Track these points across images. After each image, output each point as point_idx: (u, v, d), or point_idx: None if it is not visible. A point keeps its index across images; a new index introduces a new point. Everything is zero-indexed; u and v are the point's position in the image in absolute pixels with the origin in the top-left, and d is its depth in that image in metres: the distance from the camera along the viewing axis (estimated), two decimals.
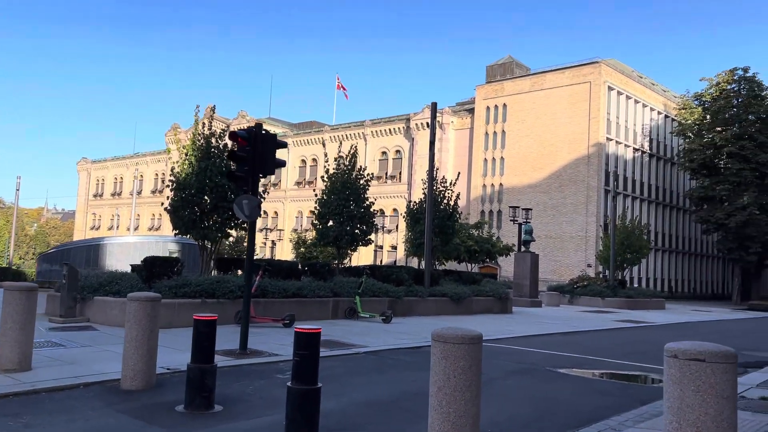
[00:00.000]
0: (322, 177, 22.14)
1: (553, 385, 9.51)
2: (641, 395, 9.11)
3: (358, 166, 21.62)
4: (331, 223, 21.09)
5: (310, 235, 44.76)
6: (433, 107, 22.73)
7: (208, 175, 16.56)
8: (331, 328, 15.66)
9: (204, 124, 17.63)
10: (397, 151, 70.61)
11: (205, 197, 16.78)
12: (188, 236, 17.51)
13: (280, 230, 74.40)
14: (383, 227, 63.64)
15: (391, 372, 10.05)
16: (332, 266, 20.03)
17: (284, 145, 11.44)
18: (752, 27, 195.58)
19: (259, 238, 77.36)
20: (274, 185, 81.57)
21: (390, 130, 71.05)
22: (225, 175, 10.94)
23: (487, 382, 9.44)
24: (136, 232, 76.30)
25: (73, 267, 15.11)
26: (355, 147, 22.52)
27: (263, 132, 11.14)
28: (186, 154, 17.15)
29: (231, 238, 66.61)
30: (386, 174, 70.82)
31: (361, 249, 70.76)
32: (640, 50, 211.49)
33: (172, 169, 17.37)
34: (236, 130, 10.93)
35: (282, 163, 11.85)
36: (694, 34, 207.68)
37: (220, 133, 17.76)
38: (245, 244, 64.98)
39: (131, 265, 16.83)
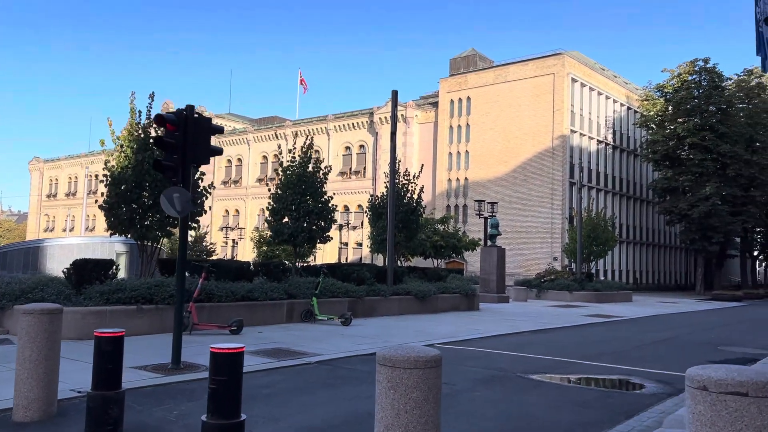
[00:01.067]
0: (276, 170, 20.77)
1: (527, 397, 8.40)
2: (624, 406, 8.04)
3: (315, 158, 20.30)
4: (286, 219, 19.76)
5: None
6: (394, 96, 21.53)
7: (146, 169, 15.11)
8: (284, 333, 14.39)
9: (140, 113, 16.09)
10: (361, 146, 69.31)
11: (144, 193, 15.33)
12: (127, 236, 15.99)
13: (241, 229, 72.48)
14: (348, 224, 62.42)
15: (344, 387, 8.82)
16: (287, 266, 18.66)
17: (220, 130, 10.10)
18: (711, 19, 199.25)
19: (219, 237, 75.44)
20: (235, 182, 79.68)
21: (353, 124, 69.70)
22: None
23: (451, 395, 8.28)
24: (91, 234, 73.60)
25: None
26: (311, 138, 21.16)
27: (196, 115, 9.78)
28: (122, 147, 15.64)
29: (190, 238, 64.82)
30: (350, 169, 69.48)
31: (326, 247, 69.53)
32: (600, 45, 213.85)
33: (106, 162, 15.84)
34: (162, 113, 9.52)
35: (218, 151, 10.50)
36: (653, 29, 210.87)
37: None
38: (209, 243, 63.31)
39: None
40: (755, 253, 72.63)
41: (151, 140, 15.42)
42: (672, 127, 54.58)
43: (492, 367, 10.69)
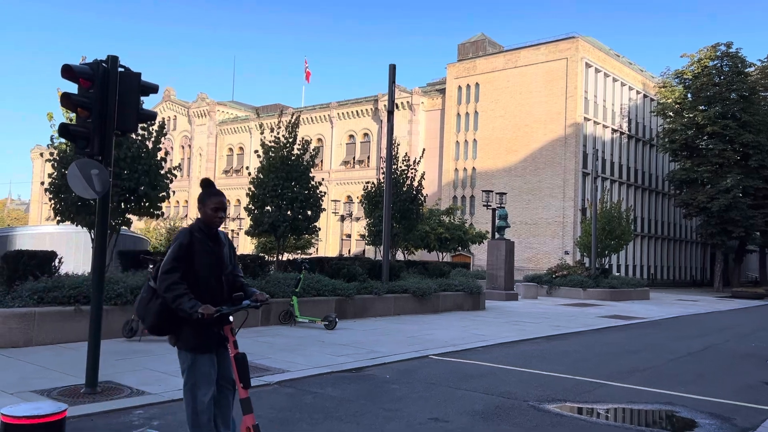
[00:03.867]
0: (256, 151, 18.61)
1: None
2: None
3: (301, 138, 18.13)
4: (268, 208, 17.62)
5: None
6: (392, 70, 19.19)
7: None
8: (253, 340, 12.27)
9: None
10: (365, 134, 67.10)
11: None
12: (75, 224, 13.90)
13: (241, 219, 70.44)
14: (351, 214, 60.27)
15: (301, 427, 6.66)
16: (266, 260, 16.50)
17: (153, 89, 7.92)
18: (732, 3, 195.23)
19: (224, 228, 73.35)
20: (236, 171, 77.75)
21: (357, 112, 67.46)
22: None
23: None
24: None
25: None
26: (298, 115, 19.00)
27: (121, 68, 7.64)
28: (70, 121, 13.54)
29: (174, 223, 62.79)
30: (354, 159, 67.35)
31: (328, 238, 67.71)
32: (613, 32, 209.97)
33: (51, 138, 13.74)
34: (72, 64, 7.36)
35: (150, 116, 8.37)
36: (668, 16, 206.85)
37: None
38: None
39: None
40: None
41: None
42: (691, 116, 52.01)
43: (497, 392, 8.53)
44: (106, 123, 7.47)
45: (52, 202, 13.64)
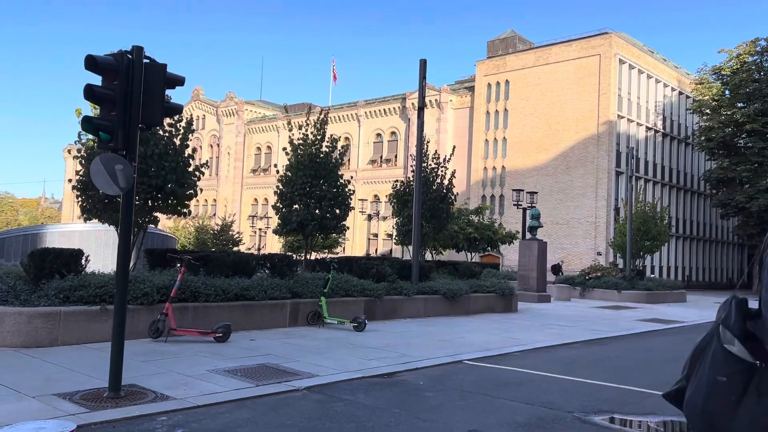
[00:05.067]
0: (284, 149, 18.33)
1: None
2: None
3: (329, 136, 17.80)
4: (296, 207, 17.33)
5: None
6: (422, 65, 18.78)
7: (138, 153, 12.89)
8: (280, 342, 11.98)
9: None
10: (393, 133, 66.74)
11: None
12: (102, 221, 13.75)
13: (269, 218, 70.61)
14: (378, 213, 59.96)
15: None
16: (294, 259, 16.19)
17: (180, 81, 7.65)
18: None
19: (247, 226, 73.71)
20: (264, 170, 77.97)
21: (385, 110, 67.13)
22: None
23: None
24: None
25: None
26: (326, 113, 18.69)
27: (146, 60, 7.37)
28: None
29: (207, 223, 62.96)
30: (381, 157, 67.03)
31: (355, 238, 67.50)
32: (648, 28, 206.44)
33: (79, 135, 13.59)
34: (96, 55, 7.10)
35: (177, 109, 8.08)
36: (706, 9, 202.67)
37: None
38: (235, 232, 61.41)
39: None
40: None
41: None
42: (729, 113, 50.64)
43: (538, 402, 8.08)
44: (131, 116, 7.21)
45: (80, 199, 13.51)
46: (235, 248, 53.69)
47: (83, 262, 12.36)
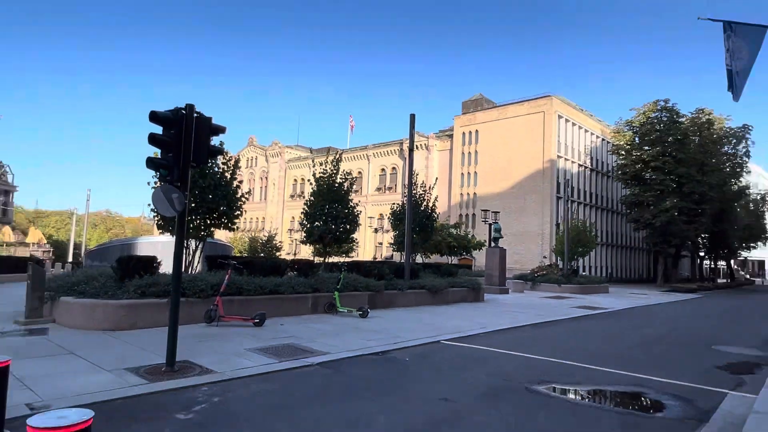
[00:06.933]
0: (308, 180, 17.99)
1: (535, 428, 5.35)
2: None
3: (343, 171, 17.47)
4: (317, 223, 16.96)
5: None
6: (412, 119, 18.52)
7: (197, 184, 12.61)
8: (304, 326, 11.56)
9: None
10: (393, 168, 66.44)
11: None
12: (172, 235, 13.37)
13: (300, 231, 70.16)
14: (382, 227, 59.43)
15: (334, 405, 5.88)
16: (315, 263, 15.79)
17: (222, 130, 7.35)
18: (671, 67, 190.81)
19: (286, 237, 73.26)
20: (300, 195, 77.61)
21: (387, 151, 66.92)
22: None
23: (452, 423, 5.32)
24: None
25: (38, 265, 11.03)
26: (340, 153, 18.36)
27: (196, 115, 7.06)
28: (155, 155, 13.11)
29: (258, 234, 62.56)
30: (384, 186, 66.71)
31: (366, 245, 66.60)
32: (576, 90, 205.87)
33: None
34: (157, 111, 6.80)
35: (218, 151, 7.77)
36: (622, 77, 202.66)
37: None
38: (278, 242, 60.94)
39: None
40: (701, 254, 67.13)
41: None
42: (638, 154, 50.07)
43: (497, 374, 7.64)
44: (184, 156, 6.90)
45: (157, 218, 13.18)
46: (277, 253, 53.19)
47: (155, 265, 12.03)
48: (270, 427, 4.98)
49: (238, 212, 13.61)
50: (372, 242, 65.90)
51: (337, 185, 16.83)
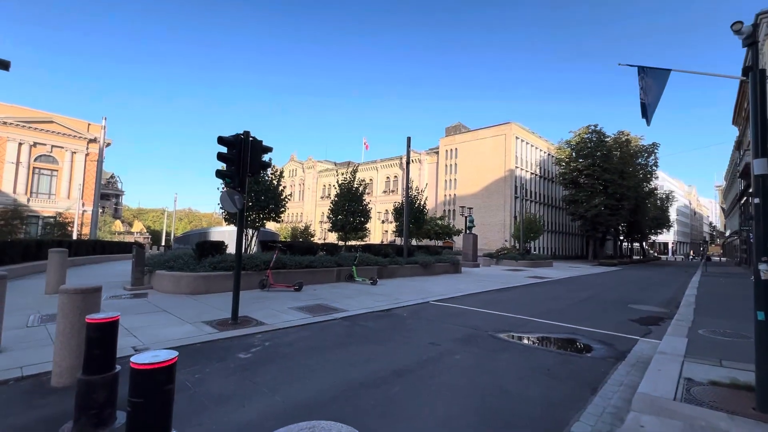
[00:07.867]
0: (333, 185, 17.99)
1: (497, 363, 5.37)
2: (585, 375, 4.94)
3: (359, 179, 17.43)
4: (340, 216, 16.97)
5: None
6: (408, 141, 18.45)
7: (253, 189, 12.67)
8: (330, 291, 11.60)
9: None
10: (395, 177, 66.18)
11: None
12: (236, 226, 13.46)
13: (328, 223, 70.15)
14: (387, 220, 59.34)
15: (352, 347, 5.93)
16: (338, 245, 15.82)
17: (269, 150, 7.37)
18: (599, 97, 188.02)
19: (318, 227, 73.28)
20: (327, 197, 77.55)
21: (390, 164, 66.67)
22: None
23: (435, 360, 5.33)
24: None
25: (140, 248, 11.15)
26: (356, 166, 18.36)
27: (251, 139, 7.09)
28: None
29: (309, 228, 62.84)
30: (389, 189, 66.48)
31: (376, 231, 66.29)
32: (531, 118, 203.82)
33: None
34: (223, 135, 6.83)
35: (267, 165, 7.78)
36: (564, 106, 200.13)
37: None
38: (312, 229, 61.19)
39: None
40: (621, 237, 66.60)
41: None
42: (574, 165, 49.53)
43: (469, 325, 7.65)
44: (243, 169, 6.93)
45: (224, 213, 13.23)
46: (311, 238, 53.25)
47: (223, 248, 12.11)
48: (306, 362, 5.03)
49: (283, 209, 13.66)
50: (380, 230, 65.89)
51: (354, 189, 16.82)
